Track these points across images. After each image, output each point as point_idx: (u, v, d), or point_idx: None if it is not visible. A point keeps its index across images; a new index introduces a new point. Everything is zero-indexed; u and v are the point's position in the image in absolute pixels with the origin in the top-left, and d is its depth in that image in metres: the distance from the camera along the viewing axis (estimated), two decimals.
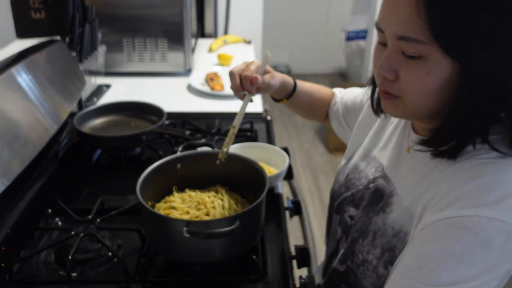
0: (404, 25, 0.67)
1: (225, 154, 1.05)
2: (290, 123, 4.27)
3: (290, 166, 1.28)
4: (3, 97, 1.11)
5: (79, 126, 1.41)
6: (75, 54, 1.64)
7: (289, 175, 1.34)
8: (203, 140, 1.38)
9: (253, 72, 1.01)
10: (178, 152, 1.33)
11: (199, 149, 1.32)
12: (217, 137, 1.50)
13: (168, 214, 1.01)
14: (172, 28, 2.03)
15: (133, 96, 1.80)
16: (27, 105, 1.20)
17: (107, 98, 1.88)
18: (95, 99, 1.84)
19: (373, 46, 1.93)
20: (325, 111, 1.24)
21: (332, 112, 1.22)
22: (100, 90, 1.93)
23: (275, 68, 4.53)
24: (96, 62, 1.84)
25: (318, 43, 5.34)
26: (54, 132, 1.29)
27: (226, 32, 3.03)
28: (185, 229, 0.85)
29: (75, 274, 0.97)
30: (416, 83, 0.70)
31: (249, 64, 1.03)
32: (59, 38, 1.57)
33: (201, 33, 2.88)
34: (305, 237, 1.21)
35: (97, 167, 1.40)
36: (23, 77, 1.21)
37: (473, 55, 0.64)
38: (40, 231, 1.09)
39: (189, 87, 2.01)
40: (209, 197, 1.06)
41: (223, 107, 1.81)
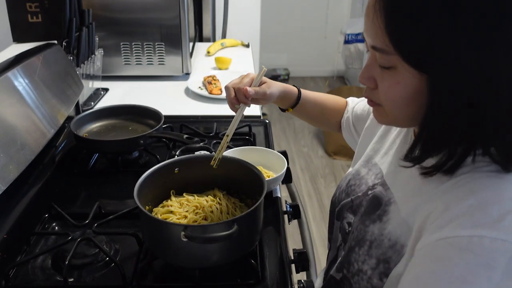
0: (374, 35, 0.69)
1: (217, 161, 1.06)
2: (288, 126, 4.27)
3: (288, 169, 1.27)
4: None
5: (76, 130, 1.41)
6: (72, 58, 1.64)
7: (287, 179, 1.33)
8: (201, 144, 1.37)
9: (246, 85, 1.02)
10: (176, 156, 1.32)
11: (197, 153, 1.31)
12: (214, 141, 1.49)
13: (166, 219, 1.00)
14: (170, 32, 2.03)
15: (130, 100, 1.79)
16: (23, 109, 1.20)
17: (104, 102, 1.88)
18: (92, 103, 1.83)
19: None
20: (339, 120, 1.24)
21: (344, 122, 1.21)
22: (97, 94, 1.92)
23: (273, 71, 4.49)
24: (94, 66, 1.84)
25: (317, 46, 5.35)
26: (51, 136, 1.28)
27: (224, 35, 3.03)
28: (182, 233, 0.84)
29: (72, 280, 0.96)
30: (389, 93, 0.71)
31: (244, 77, 1.04)
32: (56, 42, 1.57)
33: (199, 36, 2.88)
34: (304, 241, 1.21)
35: (94, 171, 1.39)
36: (19, 81, 1.21)
37: (435, 66, 0.64)
38: (37, 236, 1.09)
39: (187, 90, 2.01)
40: (207, 201, 1.05)
41: (221, 110, 1.81)
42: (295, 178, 3.37)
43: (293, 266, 1.04)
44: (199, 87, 1.99)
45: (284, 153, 1.31)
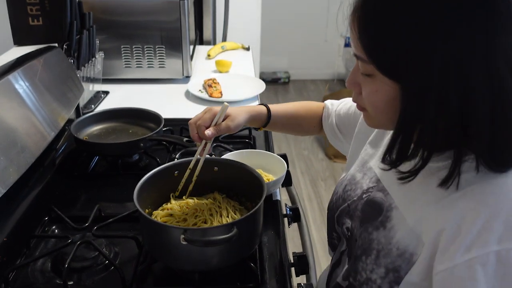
0: (354, 44, 0.72)
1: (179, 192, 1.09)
2: None
3: (288, 172, 1.27)
4: (0, 103, 1.11)
5: (76, 133, 1.41)
6: (72, 60, 1.64)
7: (287, 182, 1.33)
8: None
9: (207, 122, 1.01)
10: (176, 159, 1.32)
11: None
12: (215, 144, 1.49)
13: (166, 222, 1.00)
14: (171, 35, 2.03)
15: (130, 103, 1.79)
16: (24, 112, 1.20)
17: (104, 105, 1.88)
18: (92, 106, 1.83)
19: None
20: (317, 125, 1.25)
21: (326, 126, 1.22)
22: (97, 97, 1.93)
23: (274, 74, 4.48)
24: (94, 69, 1.84)
25: (317, 49, 5.35)
26: (51, 139, 1.28)
27: (224, 38, 3.03)
28: (182, 236, 0.84)
29: (71, 283, 0.96)
30: (370, 99, 0.75)
31: (206, 111, 1.04)
32: (56, 44, 1.57)
33: (200, 39, 2.88)
34: (303, 245, 1.20)
35: (95, 174, 1.39)
36: (20, 84, 1.21)
37: (406, 76, 0.67)
38: (37, 239, 1.09)
39: (187, 93, 2.01)
40: (206, 204, 1.05)
41: None
42: (295, 181, 3.37)
43: (293, 269, 1.04)
44: (200, 90, 2.00)
45: (284, 156, 1.31)
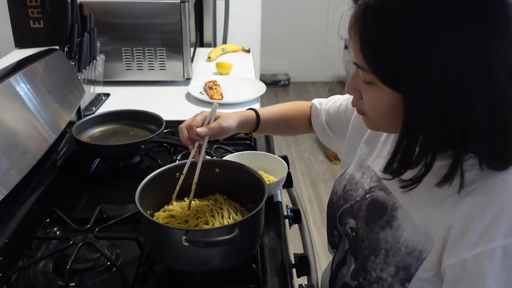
0: (354, 53, 0.73)
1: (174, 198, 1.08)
2: None
3: (289, 174, 1.28)
4: (1, 106, 1.11)
5: (77, 135, 1.41)
6: (74, 63, 1.64)
7: (288, 183, 1.34)
8: None
9: (198, 123, 1.01)
10: (177, 161, 1.32)
11: None
12: (215, 146, 1.49)
13: (167, 223, 1.00)
14: (171, 37, 2.04)
15: (132, 105, 1.79)
16: (25, 115, 1.20)
17: (106, 107, 1.88)
18: (93, 108, 1.84)
19: None
20: (305, 124, 1.26)
21: (316, 125, 1.23)
22: (98, 99, 1.93)
23: (274, 76, 4.48)
24: (95, 71, 1.84)
25: (317, 51, 5.35)
26: (53, 141, 1.29)
27: (225, 41, 3.03)
28: (184, 237, 0.84)
29: (73, 284, 0.96)
30: (371, 106, 0.76)
31: (196, 115, 1.04)
32: (57, 47, 1.57)
33: (200, 42, 2.88)
34: (304, 246, 1.21)
35: (96, 176, 1.40)
36: (21, 86, 1.21)
37: (408, 84, 0.68)
38: (38, 241, 1.09)
39: (188, 95, 2.01)
40: (208, 205, 1.05)
41: None
42: (296, 182, 3.36)
43: (294, 270, 1.04)
44: (200, 92, 2.00)
45: (285, 158, 1.31)
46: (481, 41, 0.64)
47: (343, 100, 1.16)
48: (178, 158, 1.37)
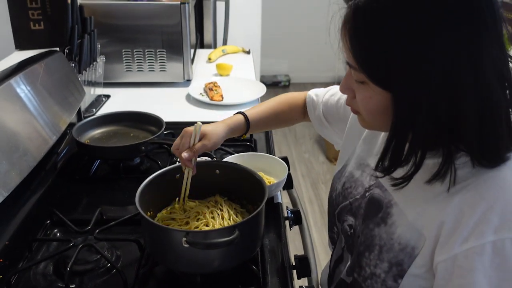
0: (346, 53, 0.75)
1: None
2: (289, 132, 4.27)
3: (289, 175, 1.28)
4: (2, 108, 1.11)
5: (78, 136, 1.41)
6: (74, 65, 1.64)
7: (288, 185, 1.34)
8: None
9: (184, 146, 1.02)
10: (177, 162, 1.32)
11: (197, 159, 1.31)
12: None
13: (167, 225, 1.00)
14: (171, 39, 2.04)
15: (132, 106, 1.79)
16: (26, 116, 1.20)
17: (106, 109, 1.88)
18: (94, 109, 1.84)
19: None
20: (299, 116, 1.27)
21: (313, 116, 1.23)
22: (99, 101, 1.93)
23: (274, 77, 4.46)
24: (95, 73, 1.85)
25: (318, 52, 5.35)
26: (53, 143, 1.29)
27: (225, 42, 3.04)
28: (184, 239, 0.84)
29: (73, 286, 0.96)
30: (364, 105, 0.77)
31: (182, 137, 1.03)
32: (58, 49, 1.57)
33: (200, 43, 2.88)
34: (305, 247, 1.21)
35: (96, 177, 1.40)
36: (22, 88, 1.21)
37: (398, 84, 0.69)
38: (39, 242, 1.09)
39: (188, 97, 2.01)
40: (208, 207, 1.05)
41: (222, 117, 1.80)
42: (296, 184, 3.36)
43: (294, 272, 1.04)
44: (200, 94, 2.00)
45: (285, 159, 1.31)
46: (470, 43, 0.65)
47: (341, 94, 1.16)
48: (178, 159, 1.36)
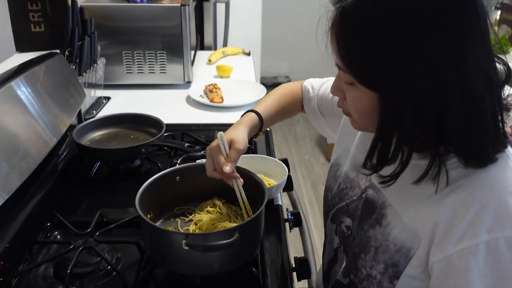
0: (334, 55, 0.76)
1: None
2: (290, 134, 4.27)
3: (289, 177, 1.28)
4: (2, 110, 1.11)
5: (78, 138, 1.41)
6: (74, 67, 1.65)
7: (289, 187, 1.34)
8: (202, 152, 1.38)
9: (220, 162, 0.97)
10: (177, 165, 1.32)
11: (198, 161, 1.32)
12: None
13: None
14: (172, 41, 2.04)
15: (132, 108, 1.80)
16: (26, 118, 1.20)
17: (106, 111, 1.88)
18: (94, 111, 1.84)
19: None
20: (299, 108, 1.27)
21: (308, 108, 1.24)
22: (99, 103, 1.93)
23: (274, 79, 4.47)
24: (96, 75, 1.85)
25: (318, 53, 5.35)
26: (53, 145, 1.29)
27: (225, 44, 3.04)
28: (184, 241, 0.84)
29: None
30: (353, 105, 0.78)
31: (210, 156, 0.99)
32: (58, 51, 1.58)
33: (201, 45, 2.88)
34: (305, 249, 1.21)
35: (96, 179, 1.40)
36: (22, 90, 1.22)
37: (384, 85, 0.69)
38: (39, 245, 1.09)
39: (188, 99, 2.01)
40: (208, 212, 1.06)
41: (223, 119, 1.81)
42: (297, 185, 3.36)
43: (294, 274, 1.04)
44: (201, 96, 2.00)
45: (285, 161, 1.31)
46: (455, 45, 0.66)
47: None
48: (179, 161, 1.37)
